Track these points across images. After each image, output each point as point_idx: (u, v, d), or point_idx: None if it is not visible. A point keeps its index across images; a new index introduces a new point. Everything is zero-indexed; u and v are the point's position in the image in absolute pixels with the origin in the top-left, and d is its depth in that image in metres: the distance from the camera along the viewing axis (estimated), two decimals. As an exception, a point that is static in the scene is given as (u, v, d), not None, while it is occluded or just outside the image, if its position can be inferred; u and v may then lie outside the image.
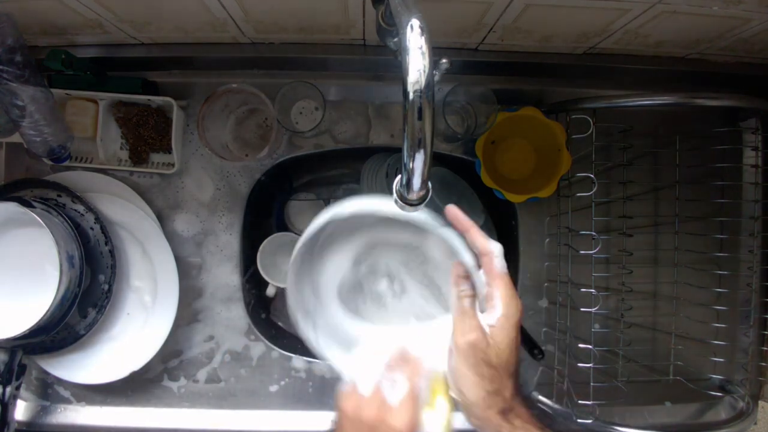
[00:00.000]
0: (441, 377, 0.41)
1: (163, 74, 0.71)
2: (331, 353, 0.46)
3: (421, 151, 0.35)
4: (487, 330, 0.39)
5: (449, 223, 0.42)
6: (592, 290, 0.64)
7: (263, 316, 0.80)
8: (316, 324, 0.47)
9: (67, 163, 0.68)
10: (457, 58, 0.67)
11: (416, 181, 0.37)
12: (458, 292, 0.41)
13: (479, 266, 0.41)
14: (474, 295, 0.41)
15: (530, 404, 0.70)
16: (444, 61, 0.51)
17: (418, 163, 0.36)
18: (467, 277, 0.41)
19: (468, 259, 0.41)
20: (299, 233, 0.81)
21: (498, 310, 0.39)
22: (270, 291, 0.79)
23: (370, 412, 0.37)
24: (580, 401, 0.65)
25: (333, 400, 0.41)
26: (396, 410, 0.37)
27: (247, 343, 0.72)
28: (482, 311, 0.41)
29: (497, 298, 0.40)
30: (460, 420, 0.40)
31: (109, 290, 0.66)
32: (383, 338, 0.45)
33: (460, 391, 0.40)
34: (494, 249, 0.41)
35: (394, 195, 0.39)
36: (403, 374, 0.39)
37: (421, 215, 0.40)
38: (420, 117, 0.34)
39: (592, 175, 0.62)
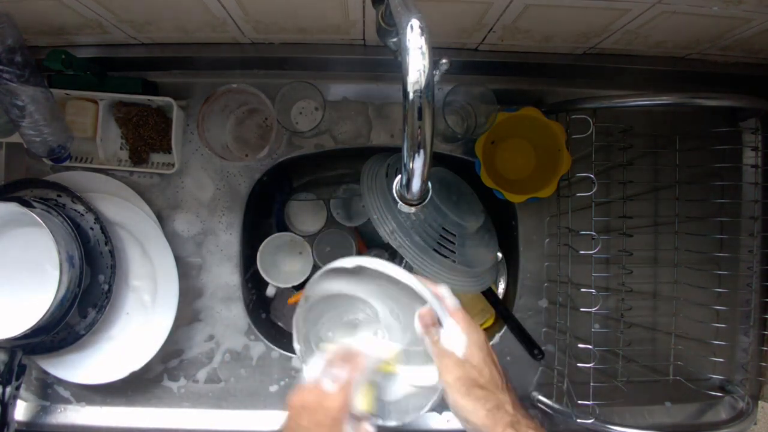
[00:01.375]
0: (379, 368, 0.51)
1: (163, 74, 0.71)
2: (307, 361, 0.55)
3: (421, 151, 0.36)
4: (463, 357, 0.46)
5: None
6: (592, 290, 0.64)
7: (263, 315, 0.80)
8: (308, 340, 0.56)
9: (67, 163, 0.68)
10: (457, 58, 0.67)
11: (416, 181, 0.37)
12: (431, 339, 0.47)
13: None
14: (438, 340, 0.48)
15: (531, 407, 0.71)
16: (444, 61, 0.51)
17: (417, 164, 0.36)
18: (434, 323, 0.47)
19: (437, 306, 0.47)
20: (299, 233, 0.82)
21: (464, 338, 0.46)
22: (270, 291, 0.79)
23: (310, 398, 0.45)
24: (580, 401, 0.65)
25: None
26: (331, 396, 0.45)
27: (247, 343, 0.72)
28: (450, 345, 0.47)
29: (459, 331, 0.47)
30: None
31: (109, 290, 0.66)
32: (338, 345, 0.53)
33: (466, 420, 0.45)
34: (444, 291, 0.49)
35: (395, 195, 0.39)
36: (342, 369, 0.47)
37: (404, 275, 0.47)
38: (420, 117, 0.34)
39: (592, 175, 0.62)
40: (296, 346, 0.55)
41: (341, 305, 0.57)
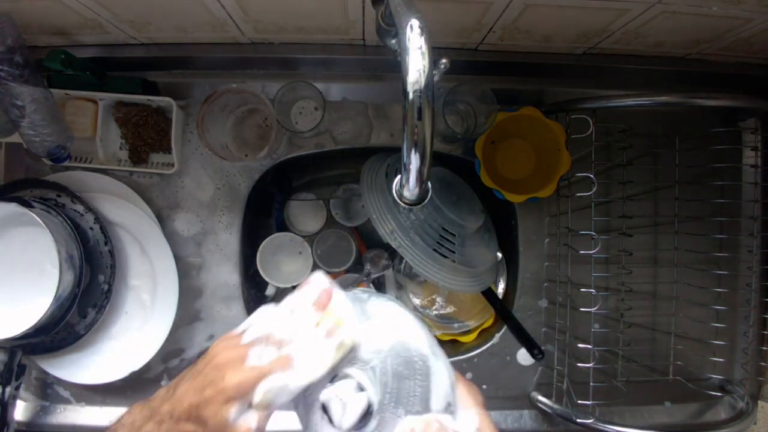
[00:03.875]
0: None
1: (163, 74, 0.71)
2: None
3: (421, 151, 0.35)
4: None
5: None
6: (592, 290, 0.64)
7: (263, 316, 0.80)
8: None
9: (66, 163, 0.68)
10: (457, 58, 0.67)
11: (416, 181, 0.37)
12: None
13: None
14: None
15: (531, 407, 0.70)
16: (444, 61, 0.51)
17: (417, 163, 0.36)
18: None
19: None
20: (299, 233, 0.81)
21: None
22: (269, 291, 0.79)
23: (226, 356, 0.38)
24: (579, 401, 0.65)
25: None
26: (239, 369, 0.37)
27: (246, 343, 0.72)
28: None
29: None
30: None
31: (109, 290, 0.66)
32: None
33: None
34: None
35: (395, 195, 0.39)
36: (271, 351, 0.38)
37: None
38: (420, 117, 0.34)
39: (591, 175, 0.62)
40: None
41: None
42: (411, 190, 0.38)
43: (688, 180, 0.71)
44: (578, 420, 0.64)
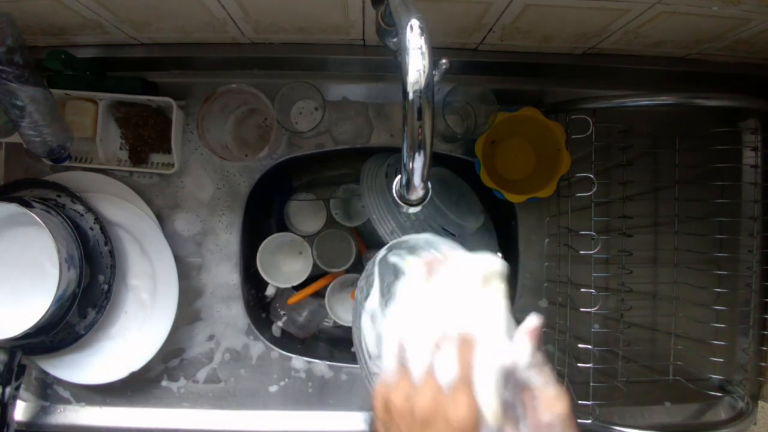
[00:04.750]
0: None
1: (163, 74, 0.71)
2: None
3: (421, 151, 0.35)
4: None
5: None
6: (592, 290, 0.64)
7: (263, 315, 0.80)
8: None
9: (66, 164, 0.68)
10: (457, 58, 0.67)
11: (416, 181, 0.37)
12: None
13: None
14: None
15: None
16: (443, 61, 0.51)
17: (417, 164, 0.36)
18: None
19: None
20: (299, 233, 0.81)
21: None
22: (269, 291, 0.79)
23: (424, 403, 0.29)
24: (579, 401, 0.65)
25: (367, 397, 0.34)
26: (452, 398, 0.29)
27: (246, 342, 0.72)
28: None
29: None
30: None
31: (109, 290, 0.66)
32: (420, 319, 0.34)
33: None
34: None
35: (395, 195, 0.39)
36: (453, 355, 0.30)
37: None
38: (420, 117, 0.34)
39: (591, 175, 0.62)
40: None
41: None
42: (411, 191, 0.38)
43: (688, 180, 0.71)
44: (578, 420, 0.64)
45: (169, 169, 0.70)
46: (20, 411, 0.69)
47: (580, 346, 0.66)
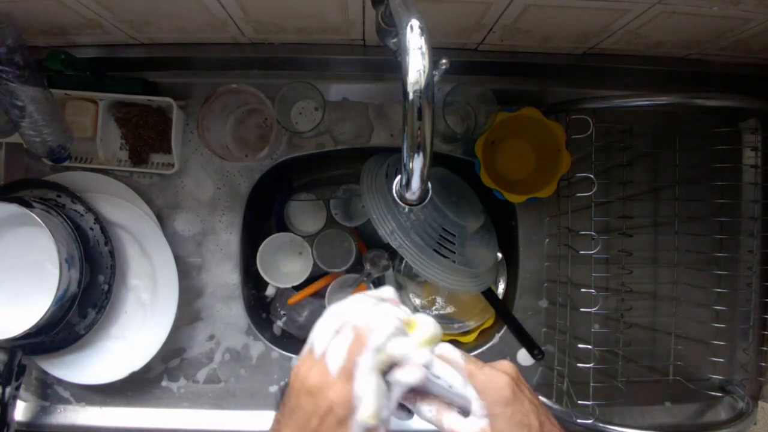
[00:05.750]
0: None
1: (163, 74, 0.71)
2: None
3: (421, 151, 0.35)
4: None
5: None
6: (592, 290, 0.64)
7: (263, 315, 0.80)
8: None
9: (66, 164, 0.68)
10: (457, 58, 0.67)
11: (416, 182, 0.37)
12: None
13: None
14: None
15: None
16: (444, 61, 0.51)
17: (417, 164, 0.36)
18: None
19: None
20: (299, 233, 0.81)
21: (478, 406, 0.36)
22: (269, 291, 0.79)
23: (313, 377, 0.35)
24: (579, 401, 0.65)
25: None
26: (333, 382, 0.34)
27: (246, 342, 0.72)
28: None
29: (473, 391, 0.36)
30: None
31: (109, 290, 0.66)
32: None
33: None
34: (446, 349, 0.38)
35: (395, 195, 0.39)
36: (345, 346, 0.35)
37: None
38: (420, 117, 0.34)
39: (591, 176, 0.62)
40: None
41: None
42: (411, 191, 0.38)
43: (688, 180, 0.71)
44: (578, 420, 0.64)
45: (169, 169, 0.70)
46: (20, 411, 0.70)
47: (580, 346, 0.66)
